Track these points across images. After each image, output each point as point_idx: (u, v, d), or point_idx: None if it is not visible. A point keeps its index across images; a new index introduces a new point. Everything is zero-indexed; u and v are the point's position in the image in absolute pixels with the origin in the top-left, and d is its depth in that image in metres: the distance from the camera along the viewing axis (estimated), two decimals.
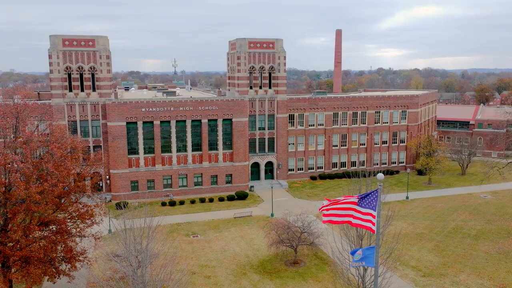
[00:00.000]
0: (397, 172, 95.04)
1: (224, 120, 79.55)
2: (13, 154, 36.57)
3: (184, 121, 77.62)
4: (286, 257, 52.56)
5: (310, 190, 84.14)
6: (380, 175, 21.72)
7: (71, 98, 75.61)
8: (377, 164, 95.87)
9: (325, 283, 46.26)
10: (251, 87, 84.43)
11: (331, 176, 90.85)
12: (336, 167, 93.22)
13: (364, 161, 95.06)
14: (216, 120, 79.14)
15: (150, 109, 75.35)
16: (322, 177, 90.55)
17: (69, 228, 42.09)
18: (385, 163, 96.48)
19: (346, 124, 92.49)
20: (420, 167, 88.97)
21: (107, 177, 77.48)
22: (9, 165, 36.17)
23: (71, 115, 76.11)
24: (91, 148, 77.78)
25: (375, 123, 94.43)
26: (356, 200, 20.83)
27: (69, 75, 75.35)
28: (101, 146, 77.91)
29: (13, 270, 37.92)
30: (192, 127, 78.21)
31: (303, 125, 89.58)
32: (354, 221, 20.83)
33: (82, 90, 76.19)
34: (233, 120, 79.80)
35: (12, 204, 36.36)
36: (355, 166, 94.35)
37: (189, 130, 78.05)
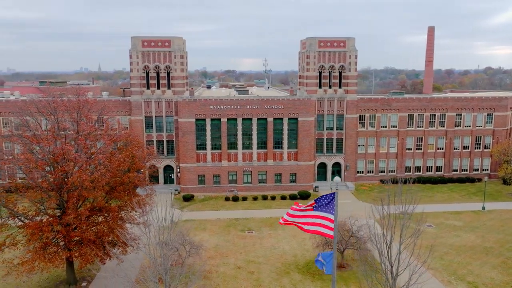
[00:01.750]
0: (479, 180, 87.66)
1: (290, 119, 79.84)
2: (69, 145, 40.61)
3: (250, 119, 79.34)
4: (337, 260, 51.66)
5: (378, 194, 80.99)
6: (337, 178, 20.94)
7: (148, 95, 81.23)
8: (457, 170, 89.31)
9: None
10: (320, 87, 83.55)
11: (403, 181, 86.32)
12: (410, 172, 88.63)
13: (441, 166, 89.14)
14: (281, 119, 79.72)
15: (218, 107, 78.22)
16: (394, 181, 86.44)
17: (121, 215, 45.60)
18: (466, 170, 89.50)
19: (422, 127, 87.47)
20: (503, 175, 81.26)
21: (178, 170, 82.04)
22: (67, 155, 40.27)
23: (148, 111, 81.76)
24: (165, 142, 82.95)
25: (455, 126, 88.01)
26: (312, 206, 20.23)
27: (147, 73, 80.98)
28: (173, 140, 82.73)
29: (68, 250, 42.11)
30: (258, 125, 79.68)
31: (374, 126, 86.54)
32: (306, 227, 20.19)
33: (158, 88, 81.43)
34: (299, 119, 79.74)
35: (68, 190, 40.48)
36: (431, 171, 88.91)
37: (255, 128, 79.64)
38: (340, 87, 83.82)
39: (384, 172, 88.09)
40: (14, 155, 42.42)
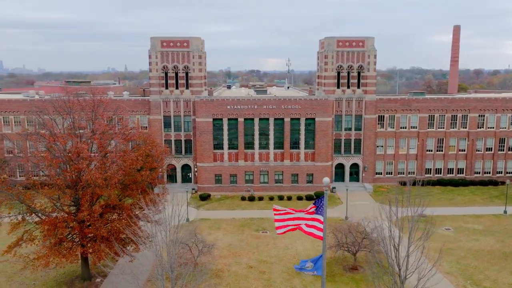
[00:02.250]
0: (502, 183, 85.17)
1: (307, 119, 79.50)
2: (83, 144, 41.53)
3: (267, 119, 79.38)
4: (346, 262, 51.30)
5: (395, 196, 79.74)
6: (326, 180, 20.71)
7: (166, 95, 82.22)
8: (479, 172, 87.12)
9: None
10: (338, 87, 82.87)
11: (422, 183, 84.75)
12: (430, 173, 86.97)
13: (463, 168, 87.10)
14: (299, 119, 79.45)
15: (235, 107, 78.53)
16: (413, 183, 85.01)
17: (136, 213, 46.30)
18: (488, 172, 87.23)
19: (443, 128, 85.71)
20: None
21: (195, 169, 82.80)
22: (81, 153, 41.19)
23: (166, 110, 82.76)
24: (183, 141, 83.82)
25: (478, 127, 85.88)
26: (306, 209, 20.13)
27: (166, 73, 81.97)
28: (191, 140, 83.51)
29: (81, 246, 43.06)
30: (274, 125, 79.63)
31: (393, 127, 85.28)
32: (305, 228, 20.12)
33: (177, 87, 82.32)
34: (316, 119, 79.30)
35: (81, 187, 41.41)
36: (452, 173, 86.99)
37: (271, 128, 79.62)
38: (358, 87, 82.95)
39: (403, 173, 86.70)
40: (31, 153, 43.56)
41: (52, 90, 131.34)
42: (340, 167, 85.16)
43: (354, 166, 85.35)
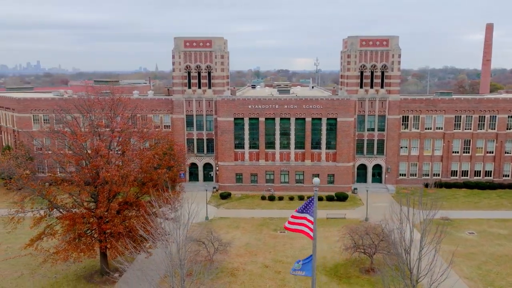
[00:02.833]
0: None
1: (328, 119, 78.88)
2: (101, 142, 42.58)
3: (289, 119, 79.20)
4: (363, 264, 50.68)
5: (419, 198, 78.14)
6: (316, 180, 20.51)
7: (189, 94, 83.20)
8: (508, 175, 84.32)
9: None
10: (361, 86, 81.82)
11: (448, 185, 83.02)
12: (456, 176, 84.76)
13: (490, 171, 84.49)
14: (320, 119, 78.92)
15: (256, 106, 78.72)
16: (438, 185, 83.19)
17: (153, 211, 47.12)
18: None
19: (470, 129, 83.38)
20: None
21: (216, 168, 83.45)
22: (99, 151, 42.26)
23: (189, 109, 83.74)
24: (205, 140, 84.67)
25: (507, 129, 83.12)
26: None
27: (189, 73, 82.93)
28: (213, 139, 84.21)
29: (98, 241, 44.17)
30: (296, 125, 79.39)
31: (418, 128, 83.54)
32: (300, 227, 20.03)
33: (199, 87, 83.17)
34: (338, 119, 78.60)
35: (99, 184, 42.48)
36: (480, 176, 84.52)
37: (292, 128, 79.40)
38: (382, 87, 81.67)
39: (428, 175, 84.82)
40: (53, 150, 44.98)
41: (80, 89, 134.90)
42: (363, 168, 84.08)
43: (377, 167, 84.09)
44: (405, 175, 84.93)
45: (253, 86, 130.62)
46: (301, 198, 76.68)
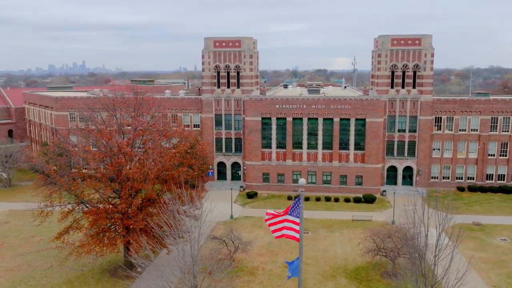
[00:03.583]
0: None
1: (357, 119, 77.69)
2: (124, 140, 43.80)
3: (316, 119, 78.57)
4: (385, 268, 49.68)
5: (451, 201, 74.94)
6: (301, 180, 20.19)
7: (218, 94, 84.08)
8: None
9: None
10: (392, 87, 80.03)
11: (483, 189, 79.91)
12: (491, 180, 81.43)
13: None
14: (348, 119, 77.84)
15: (284, 106, 78.58)
16: (472, 189, 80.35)
17: (171, 208, 47.98)
18: None
19: (507, 131, 79.88)
20: None
21: (244, 167, 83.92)
22: (122, 149, 43.46)
23: (218, 109, 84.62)
24: (233, 139, 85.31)
25: None
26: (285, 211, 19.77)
27: (218, 73, 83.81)
28: (241, 138, 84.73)
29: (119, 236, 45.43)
30: (323, 125, 78.68)
31: (451, 129, 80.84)
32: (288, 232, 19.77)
33: (228, 86, 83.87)
34: (367, 120, 77.26)
35: (121, 181, 43.74)
36: None
37: (320, 128, 78.73)
38: (414, 87, 79.60)
39: (461, 178, 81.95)
40: (80, 147, 46.71)
41: (118, 88, 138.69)
42: (393, 169, 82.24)
43: (408, 169, 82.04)
44: (437, 178, 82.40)
45: (285, 86, 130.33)
46: (327, 199, 75.94)
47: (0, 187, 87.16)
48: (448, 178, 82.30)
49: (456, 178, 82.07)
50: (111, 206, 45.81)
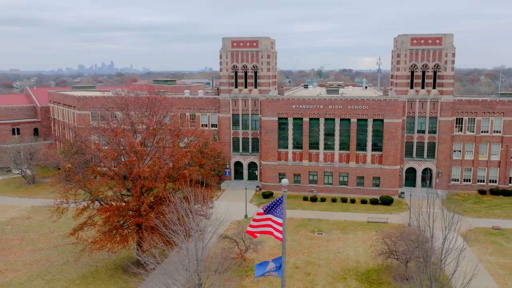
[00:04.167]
0: None
1: (374, 120, 76.67)
2: (136, 138, 44.53)
3: (333, 119, 77.94)
4: (397, 270, 48.88)
5: (471, 205, 73.93)
6: (284, 181, 19.96)
7: (235, 94, 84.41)
8: None
9: None
10: (411, 87, 78.60)
11: (506, 192, 77.61)
12: None
13: None
14: (366, 120, 76.90)
15: (300, 106, 78.25)
16: (494, 192, 78.14)
17: (184, 207, 48.50)
18: None
19: None
20: None
21: (261, 167, 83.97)
22: (134, 148, 44.20)
23: (235, 109, 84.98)
24: (250, 139, 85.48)
25: None
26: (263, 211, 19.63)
27: (236, 73, 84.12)
28: (258, 138, 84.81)
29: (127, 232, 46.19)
30: (340, 126, 77.96)
31: (473, 131, 78.80)
32: (267, 229, 19.64)
33: (246, 86, 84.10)
34: (385, 120, 76.16)
35: (132, 179, 44.49)
36: None
37: (337, 128, 78.05)
38: (434, 87, 77.98)
39: (483, 181, 79.81)
40: (91, 146, 47.69)
41: (137, 88, 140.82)
42: (412, 171, 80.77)
43: (427, 171, 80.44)
44: (458, 180, 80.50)
45: (306, 86, 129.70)
46: (344, 200, 75.23)
47: (24, 184, 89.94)
48: (469, 180, 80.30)
49: (478, 181, 79.99)
50: (124, 203, 46.65)
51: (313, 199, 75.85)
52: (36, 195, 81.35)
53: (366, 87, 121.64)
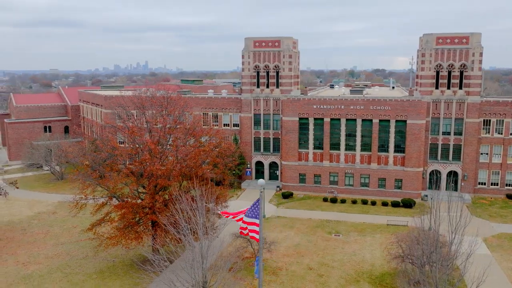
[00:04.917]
0: None
1: (397, 121, 75.16)
2: (150, 137, 45.40)
3: (355, 120, 76.90)
4: (412, 275, 47.86)
5: (498, 209, 71.40)
6: (261, 181, 19.74)
7: (257, 94, 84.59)
8: None
9: None
10: (437, 87, 76.57)
11: None
12: None
13: None
14: (388, 120, 75.49)
15: (321, 106, 77.62)
16: None
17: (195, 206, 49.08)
18: None
19: None
20: None
21: (281, 167, 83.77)
22: (147, 146, 45.06)
23: (256, 108, 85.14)
24: (271, 139, 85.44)
25: None
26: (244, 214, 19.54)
27: (257, 73, 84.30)
28: (279, 138, 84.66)
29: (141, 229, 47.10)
30: (362, 127, 76.85)
31: (501, 133, 76.05)
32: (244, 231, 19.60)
33: (267, 86, 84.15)
34: (408, 121, 74.52)
35: (147, 177, 45.39)
36: None
37: (359, 129, 76.97)
38: (460, 88, 75.72)
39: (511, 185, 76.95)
40: (107, 144, 48.88)
41: (167, 87, 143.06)
42: (436, 174, 78.71)
43: (452, 174, 78.19)
44: (484, 184, 77.88)
45: (332, 86, 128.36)
46: (364, 202, 74.16)
47: (53, 180, 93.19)
48: (497, 184, 77.55)
49: (506, 185, 77.14)
50: (140, 201, 47.62)
51: (333, 201, 75.13)
52: (63, 190, 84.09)
53: (393, 87, 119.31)
